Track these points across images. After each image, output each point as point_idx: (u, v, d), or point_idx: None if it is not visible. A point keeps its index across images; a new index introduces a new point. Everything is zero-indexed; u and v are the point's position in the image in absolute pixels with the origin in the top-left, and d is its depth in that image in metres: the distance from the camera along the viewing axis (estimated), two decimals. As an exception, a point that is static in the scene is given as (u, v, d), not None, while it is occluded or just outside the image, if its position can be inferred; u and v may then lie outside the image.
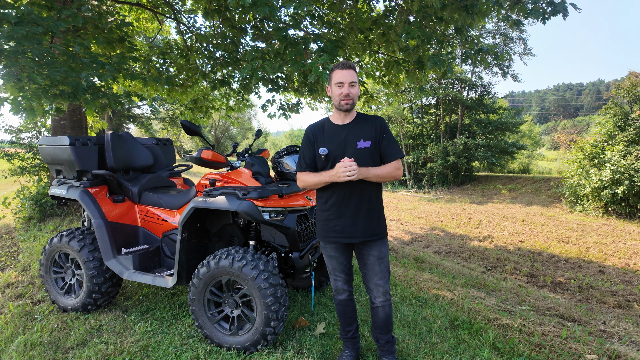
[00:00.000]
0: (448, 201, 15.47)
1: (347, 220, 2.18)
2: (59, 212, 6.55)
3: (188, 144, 38.47)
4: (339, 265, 2.31)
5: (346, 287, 2.35)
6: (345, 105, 2.14)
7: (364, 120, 2.23)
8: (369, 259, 2.24)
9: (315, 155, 2.22)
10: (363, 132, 2.18)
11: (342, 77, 2.12)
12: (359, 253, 2.29)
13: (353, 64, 2.17)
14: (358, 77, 2.24)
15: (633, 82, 12.28)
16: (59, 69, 3.58)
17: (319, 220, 2.31)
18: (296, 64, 3.87)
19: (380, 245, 2.23)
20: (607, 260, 7.19)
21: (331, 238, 2.24)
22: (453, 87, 20.69)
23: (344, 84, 2.12)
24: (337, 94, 2.14)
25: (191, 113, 7.18)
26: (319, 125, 2.28)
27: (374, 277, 2.25)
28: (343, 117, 2.23)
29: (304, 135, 2.29)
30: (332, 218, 2.21)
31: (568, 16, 3.79)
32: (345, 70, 2.13)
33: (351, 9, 5.51)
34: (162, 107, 23.35)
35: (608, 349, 2.81)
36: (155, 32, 7.98)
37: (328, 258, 2.33)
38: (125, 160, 3.37)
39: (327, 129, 2.24)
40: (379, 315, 2.28)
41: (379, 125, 2.20)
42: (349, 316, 2.40)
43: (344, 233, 2.20)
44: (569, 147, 18.73)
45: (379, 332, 2.33)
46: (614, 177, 10.89)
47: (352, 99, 2.14)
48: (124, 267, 2.97)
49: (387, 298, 2.26)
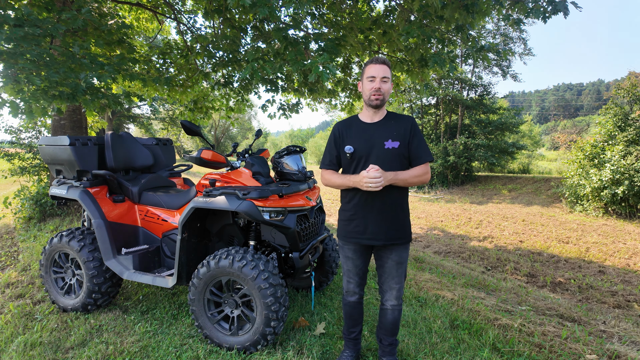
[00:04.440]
0: (448, 201, 15.47)
1: (370, 221, 2.12)
2: (59, 212, 6.55)
3: (188, 144, 38.46)
4: (354, 267, 2.28)
5: (358, 290, 2.33)
6: (375, 100, 2.09)
7: (394, 119, 2.16)
8: (387, 262, 2.20)
9: (341, 153, 2.18)
10: (392, 132, 2.11)
11: (374, 71, 2.07)
12: (378, 255, 2.24)
13: (387, 60, 2.11)
14: (391, 74, 2.18)
15: (633, 82, 12.28)
16: (58, 70, 3.57)
17: (340, 219, 2.27)
18: (296, 64, 3.86)
19: (402, 250, 2.18)
20: (607, 260, 7.19)
21: (352, 239, 2.20)
22: (453, 87, 20.68)
23: (375, 78, 2.07)
24: (369, 89, 2.09)
25: (191, 113, 7.18)
26: (347, 122, 2.24)
27: (390, 281, 2.22)
28: (372, 114, 2.17)
29: (331, 132, 2.26)
30: (355, 218, 2.16)
31: (569, 15, 3.79)
32: (379, 65, 2.08)
33: (351, 8, 5.50)
34: (162, 107, 23.33)
35: (608, 349, 2.81)
36: (155, 32, 7.97)
37: (344, 259, 2.30)
38: (125, 160, 3.37)
39: (355, 127, 2.19)
40: (387, 317, 2.26)
41: (409, 125, 2.12)
42: (356, 318, 2.39)
43: (365, 234, 2.15)
44: (569, 147, 18.71)
45: (384, 334, 2.32)
46: (614, 177, 10.88)
47: (382, 95, 2.09)
48: (124, 267, 2.96)
49: (399, 302, 2.24)
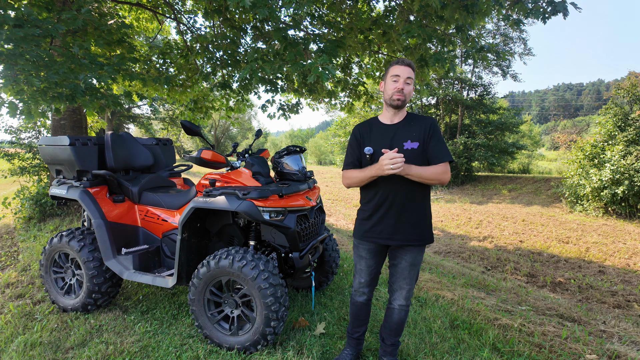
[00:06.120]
0: (448, 201, 15.47)
1: (389, 221, 2.11)
2: (59, 212, 6.55)
3: (188, 144, 38.47)
4: (367, 267, 2.27)
5: (367, 290, 2.32)
6: (397, 100, 2.07)
7: (413, 120, 2.15)
8: (401, 263, 2.18)
9: (361, 154, 2.17)
10: (411, 133, 2.09)
11: (399, 71, 2.06)
12: (392, 255, 2.23)
13: (413, 63, 2.09)
14: (415, 75, 2.16)
15: (633, 82, 12.28)
16: (57, 71, 3.57)
17: (358, 218, 2.26)
18: (296, 65, 3.86)
19: (417, 252, 2.16)
20: (607, 260, 7.19)
21: (369, 238, 2.18)
22: (453, 87, 20.67)
23: (400, 78, 2.06)
24: (392, 88, 2.08)
25: (191, 113, 7.18)
26: (367, 124, 2.23)
27: (402, 281, 2.21)
28: (392, 115, 2.17)
29: (351, 133, 2.25)
30: (373, 217, 2.15)
31: (568, 15, 3.79)
32: (404, 66, 2.07)
33: (351, 9, 5.50)
34: (162, 107, 23.34)
35: (608, 349, 2.81)
36: (155, 32, 7.97)
37: (358, 258, 2.29)
38: (125, 160, 3.37)
39: (375, 128, 2.18)
40: (393, 317, 2.26)
41: (428, 126, 2.10)
42: (362, 319, 2.38)
43: (383, 234, 2.14)
44: (569, 147, 18.73)
45: (387, 333, 2.31)
46: (614, 177, 10.88)
47: (404, 96, 2.07)
48: (124, 267, 2.96)
49: (407, 303, 2.24)
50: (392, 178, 2.06)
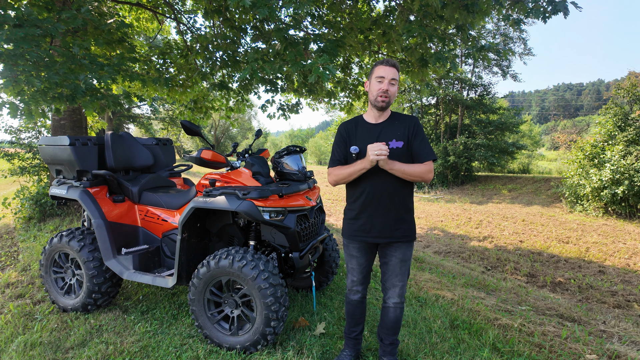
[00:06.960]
0: (448, 201, 15.47)
1: (376, 219, 2.14)
2: (59, 212, 6.55)
3: (188, 144, 38.46)
4: (358, 266, 2.28)
5: (360, 288, 2.33)
6: (382, 102, 2.10)
7: (397, 119, 2.18)
8: (391, 260, 2.21)
9: (347, 152, 2.19)
10: (396, 132, 2.13)
11: (384, 72, 2.09)
12: (382, 253, 2.25)
13: (397, 64, 2.13)
14: (399, 76, 2.18)
15: (633, 82, 12.28)
16: (58, 71, 3.57)
17: (345, 218, 2.28)
18: (296, 65, 3.86)
19: (406, 248, 2.20)
20: (607, 260, 7.19)
21: (357, 237, 2.21)
22: (453, 87, 20.68)
23: (384, 79, 2.09)
24: (376, 89, 2.11)
25: (191, 113, 7.18)
26: (353, 122, 2.25)
27: (394, 278, 2.22)
28: (377, 115, 2.19)
29: (337, 132, 2.27)
30: (361, 217, 2.18)
31: (569, 15, 3.79)
32: (389, 67, 2.10)
33: (351, 9, 5.50)
34: (162, 107, 23.33)
35: (608, 349, 2.81)
36: (155, 32, 7.97)
37: (349, 257, 2.31)
38: (125, 160, 3.37)
39: (361, 127, 2.21)
40: (389, 315, 2.27)
41: (412, 125, 2.14)
42: (357, 317, 2.39)
43: (371, 233, 2.17)
44: (569, 147, 18.72)
45: (385, 333, 2.32)
46: (614, 177, 10.89)
47: (389, 97, 2.11)
48: (124, 267, 2.96)
49: (401, 300, 2.25)
50: (378, 175, 2.09)
